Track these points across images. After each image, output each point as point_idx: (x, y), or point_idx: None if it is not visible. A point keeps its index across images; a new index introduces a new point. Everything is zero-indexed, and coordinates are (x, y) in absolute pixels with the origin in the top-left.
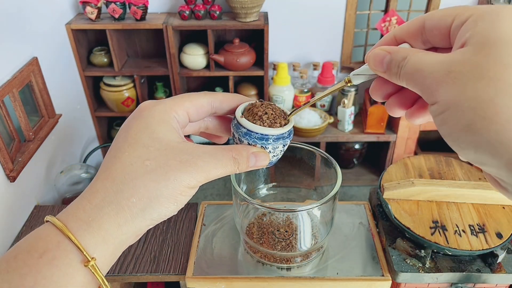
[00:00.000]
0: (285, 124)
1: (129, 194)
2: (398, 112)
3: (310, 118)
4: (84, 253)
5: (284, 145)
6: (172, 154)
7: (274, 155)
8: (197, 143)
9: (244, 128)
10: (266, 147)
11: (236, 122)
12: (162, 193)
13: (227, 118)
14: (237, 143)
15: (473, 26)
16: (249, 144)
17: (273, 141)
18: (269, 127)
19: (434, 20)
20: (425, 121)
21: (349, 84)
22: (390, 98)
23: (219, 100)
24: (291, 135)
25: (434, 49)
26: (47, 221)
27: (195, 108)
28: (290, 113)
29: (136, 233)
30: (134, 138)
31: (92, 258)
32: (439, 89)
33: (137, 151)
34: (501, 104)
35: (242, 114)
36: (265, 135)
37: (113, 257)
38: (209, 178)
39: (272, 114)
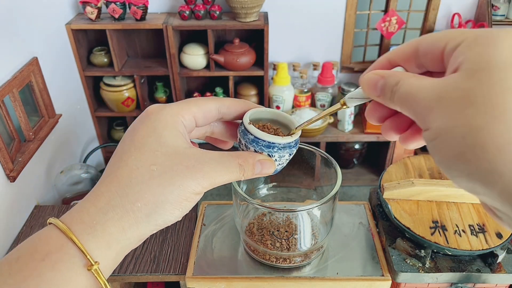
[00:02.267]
0: (293, 133)
1: (134, 199)
2: (393, 136)
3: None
4: (88, 257)
5: (290, 154)
6: (179, 159)
7: (279, 164)
8: (203, 150)
9: (252, 135)
10: (272, 155)
11: (243, 128)
12: (167, 198)
13: (233, 124)
14: (243, 149)
15: (465, 51)
16: (255, 151)
17: (279, 149)
18: (276, 135)
19: (427, 44)
20: (419, 145)
21: (344, 107)
22: (386, 121)
23: (226, 105)
24: (297, 145)
25: (429, 73)
26: (50, 223)
27: (202, 113)
28: (297, 127)
29: (139, 238)
30: (140, 142)
31: (96, 262)
32: (430, 115)
33: (143, 155)
34: (492, 131)
35: (250, 120)
36: (272, 143)
37: (116, 262)
38: (214, 184)
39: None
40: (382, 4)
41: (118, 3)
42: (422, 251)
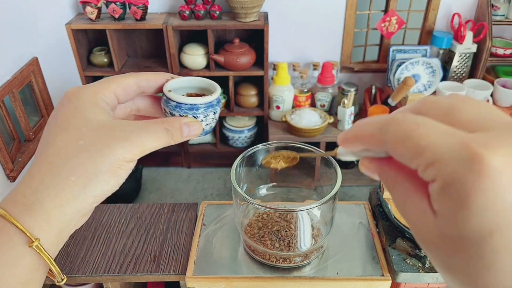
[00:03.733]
0: (213, 93)
1: (67, 174)
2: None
3: (310, 118)
4: (28, 234)
5: (214, 113)
6: (105, 131)
7: (207, 124)
8: (128, 120)
9: (173, 101)
10: (197, 117)
11: (165, 98)
12: (100, 169)
13: (157, 98)
14: None
15: (433, 192)
16: (180, 116)
17: (204, 109)
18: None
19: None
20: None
21: (337, 157)
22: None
23: (145, 79)
24: (220, 103)
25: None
26: None
27: (121, 89)
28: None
29: (80, 212)
30: (65, 122)
31: (36, 238)
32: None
33: (69, 133)
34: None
35: (171, 90)
36: (193, 104)
37: (60, 239)
38: (145, 151)
39: None
40: (382, 4)
41: (118, 3)
42: (422, 251)
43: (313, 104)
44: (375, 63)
